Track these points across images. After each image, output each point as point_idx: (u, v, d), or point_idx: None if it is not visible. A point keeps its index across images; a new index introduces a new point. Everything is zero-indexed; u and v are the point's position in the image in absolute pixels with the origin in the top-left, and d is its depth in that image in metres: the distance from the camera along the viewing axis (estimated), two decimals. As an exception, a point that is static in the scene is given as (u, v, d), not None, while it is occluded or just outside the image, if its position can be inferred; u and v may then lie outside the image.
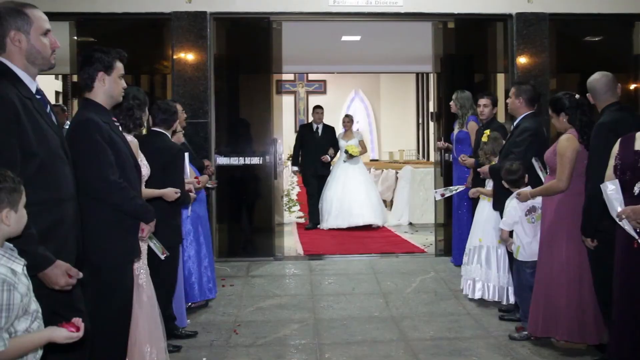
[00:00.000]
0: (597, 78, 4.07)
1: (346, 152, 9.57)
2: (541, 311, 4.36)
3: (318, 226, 9.41)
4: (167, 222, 4.06)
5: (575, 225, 4.08)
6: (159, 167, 3.95)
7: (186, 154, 4.67)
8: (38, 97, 2.67)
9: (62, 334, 2.13)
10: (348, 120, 9.92)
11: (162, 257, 3.86)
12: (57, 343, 2.15)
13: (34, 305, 2.18)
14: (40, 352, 2.19)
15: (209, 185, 5.89)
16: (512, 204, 4.67)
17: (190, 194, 4.63)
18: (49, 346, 2.19)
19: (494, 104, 5.95)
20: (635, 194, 3.36)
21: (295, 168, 10.11)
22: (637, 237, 3.32)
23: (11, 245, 2.19)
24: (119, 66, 3.20)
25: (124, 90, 3.29)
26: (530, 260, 4.60)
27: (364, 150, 9.87)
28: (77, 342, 2.19)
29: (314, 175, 9.62)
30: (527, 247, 4.61)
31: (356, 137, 9.77)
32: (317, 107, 9.88)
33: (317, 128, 9.72)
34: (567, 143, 4.20)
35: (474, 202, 5.74)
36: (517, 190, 4.60)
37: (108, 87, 3.16)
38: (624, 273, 3.45)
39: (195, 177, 5.08)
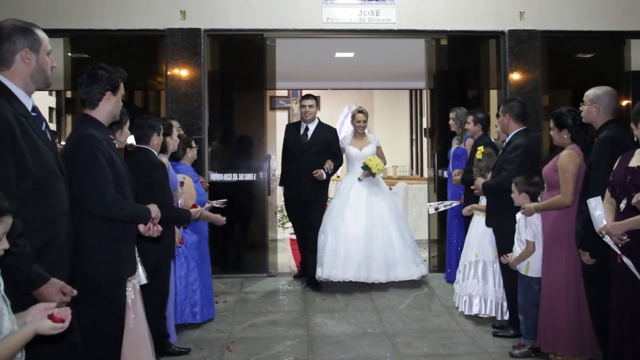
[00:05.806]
0: (608, 92, 4.02)
1: (365, 167, 6.52)
2: (543, 326, 4.36)
3: (318, 277, 6.41)
4: (156, 239, 3.99)
5: (573, 241, 4.06)
6: (141, 184, 3.91)
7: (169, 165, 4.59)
8: (34, 114, 2.68)
9: (47, 324, 2.07)
10: (363, 117, 6.70)
11: (145, 281, 3.83)
12: (43, 337, 2.09)
13: (8, 325, 2.10)
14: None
15: (217, 205, 5.65)
16: (534, 217, 4.47)
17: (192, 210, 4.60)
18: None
19: (476, 121, 5.95)
20: (621, 210, 3.36)
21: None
22: (619, 252, 3.32)
23: None
24: (122, 86, 3.25)
25: None
26: (539, 277, 4.47)
27: (383, 161, 6.75)
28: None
29: (298, 202, 6.63)
30: (538, 262, 4.46)
31: (373, 143, 6.82)
32: (306, 98, 6.68)
33: (307, 129, 6.65)
34: (569, 158, 4.19)
35: (467, 219, 5.74)
36: (523, 205, 4.50)
37: (112, 107, 3.20)
38: (614, 289, 3.46)
39: (194, 206, 4.79)
